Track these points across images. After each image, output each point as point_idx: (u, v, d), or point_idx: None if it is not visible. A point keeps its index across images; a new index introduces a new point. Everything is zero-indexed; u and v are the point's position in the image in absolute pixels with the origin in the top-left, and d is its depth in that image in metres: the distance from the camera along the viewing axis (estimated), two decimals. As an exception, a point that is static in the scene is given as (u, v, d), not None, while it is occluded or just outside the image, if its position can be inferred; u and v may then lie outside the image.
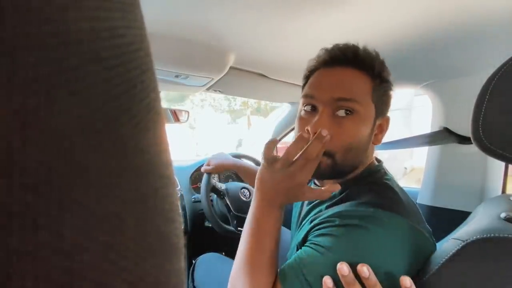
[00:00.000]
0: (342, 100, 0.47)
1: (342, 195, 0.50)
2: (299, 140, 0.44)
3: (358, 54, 0.49)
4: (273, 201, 0.46)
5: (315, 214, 0.51)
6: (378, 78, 0.49)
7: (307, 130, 0.47)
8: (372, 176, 0.52)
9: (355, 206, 0.45)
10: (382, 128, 0.53)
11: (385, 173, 0.53)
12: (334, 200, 0.51)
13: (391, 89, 0.53)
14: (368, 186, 0.49)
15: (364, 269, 0.36)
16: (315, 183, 0.59)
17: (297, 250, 0.47)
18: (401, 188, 0.50)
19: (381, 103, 0.51)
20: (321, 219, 0.46)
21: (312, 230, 0.46)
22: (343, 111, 0.47)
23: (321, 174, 0.51)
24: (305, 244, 0.45)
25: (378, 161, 0.58)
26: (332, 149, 0.48)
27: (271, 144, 0.46)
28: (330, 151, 0.48)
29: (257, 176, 0.47)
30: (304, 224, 0.53)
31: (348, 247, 0.40)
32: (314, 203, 0.56)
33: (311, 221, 0.49)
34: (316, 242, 0.42)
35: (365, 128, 0.49)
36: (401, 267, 0.40)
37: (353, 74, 0.49)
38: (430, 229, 0.47)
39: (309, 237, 0.46)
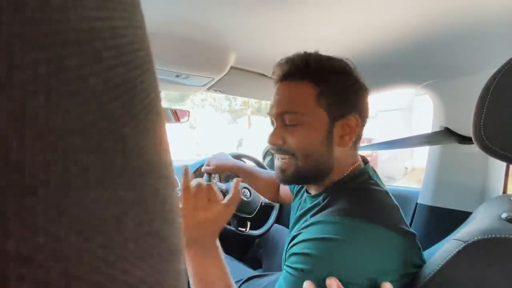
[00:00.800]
0: (286, 113, 0.51)
1: (324, 202, 0.51)
2: (185, 173, 0.51)
3: (292, 68, 0.52)
4: (207, 247, 0.49)
5: (302, 223, 0.51)
6: (322, 83, 0.50)
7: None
8: (354, 181, 0.51)
9: (330, 214, 0.45)
10: (349, 129, 0.51)
11: (369, 176, 0.52)
12: (317, 209, 0.51)
13: (345, 87, 0.51)
14: (349, 192, 0.49)
15: (332, 282, 0.36)
16: (307, 191, 0.60)
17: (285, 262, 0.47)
18: (384, 192, 0.49)
19: (334, 105, 0.50)
20: (299, 229, 0.47)
21: (292, 242, 0.46)
22: (291, 122, 0.51)
23: (287, 179, 0.54)
24: (285, 265, 0.44)
25: (365, 162, 0.57)
26: (290, 149, 0.52)
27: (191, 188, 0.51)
28: (289, 150, 0.52)
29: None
30: (291, 235, 0.53)
31: (324, 265, 0.40)
32: (302, 211, 0.57)
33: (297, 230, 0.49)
34: (292, 266, 0.42)
35: (317, 134, 0.50)
36: (378, 275, 0.39)
37: (296, 86, 0.51)
38: (414, 232, 0.46)
39: (288, 253, 0.45)
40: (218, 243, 0.51)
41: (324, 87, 0.50)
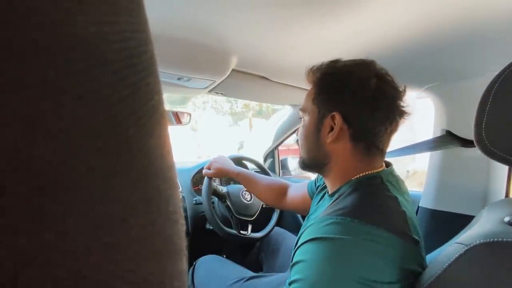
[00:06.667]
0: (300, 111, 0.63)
1: (333, 202, 0.52)
2: None
3: (308, 73, 0.59)
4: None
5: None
6: (318, 83, 0.57)
7: None
8: (364, 183, 0.52)
9: (329, 214, 0.46)
10: (334, 126, 0.54)
11: (381, 180, 0.52)
12: (326, 207, 0.52)
13: (330, 86, 0.55)
14: (355, 194, 0.49)
15: None
16: (327, 192, 0.62)
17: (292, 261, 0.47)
18: (392, 197, 0.49)
19: (323, 103, 0.56)
20: (303, 229, 0.49)
21: (296, 243, 0.47)
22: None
23: (300, 165, 0.64)
24: (289, 279, 0.44)
25: (388, 165, 0.58)
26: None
27: None
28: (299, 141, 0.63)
29: None
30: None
31: (315, 266, 0.40)
32: (319, 211, 0.58)
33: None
34: (293, 278, 0.42)
35: (309, 129, 0.58)
36: (371, 275, 0.39)
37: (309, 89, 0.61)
38: (417, 239, 0.46)
39: (292, 259, 0.46)
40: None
41: (318, 87, 0.57)
